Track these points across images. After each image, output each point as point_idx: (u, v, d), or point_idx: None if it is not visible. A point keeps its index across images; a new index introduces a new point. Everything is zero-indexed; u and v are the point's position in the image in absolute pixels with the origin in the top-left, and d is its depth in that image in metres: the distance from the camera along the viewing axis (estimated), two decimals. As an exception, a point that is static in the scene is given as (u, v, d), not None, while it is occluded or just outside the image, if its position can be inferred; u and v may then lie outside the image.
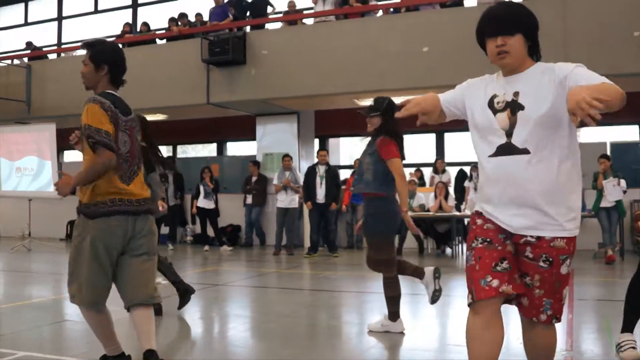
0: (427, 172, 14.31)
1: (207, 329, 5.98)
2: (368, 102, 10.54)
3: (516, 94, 2.81)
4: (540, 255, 2.82)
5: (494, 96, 2.88)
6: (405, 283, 9.28)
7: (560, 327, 5.66)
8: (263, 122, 15.43)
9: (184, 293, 6.33)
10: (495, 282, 2.75)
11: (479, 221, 2.93)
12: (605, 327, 5.63)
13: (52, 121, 15.60)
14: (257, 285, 8.74)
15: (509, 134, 2.80)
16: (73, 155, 20.59)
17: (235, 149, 17.98)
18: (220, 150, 17.85)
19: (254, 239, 14.54)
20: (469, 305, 2.82)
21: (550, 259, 2.82)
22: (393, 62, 11.92)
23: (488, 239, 2.84)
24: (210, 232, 14.44)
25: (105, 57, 3.97)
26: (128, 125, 3.91)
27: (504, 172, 2.81)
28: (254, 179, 14.30)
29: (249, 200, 14.25)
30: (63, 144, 17.09)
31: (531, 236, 2.81)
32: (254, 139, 15.75)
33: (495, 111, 2.85)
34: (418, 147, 15.06)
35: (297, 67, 12.66)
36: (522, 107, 2.78)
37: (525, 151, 2.76)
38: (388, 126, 5.27)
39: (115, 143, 3.77)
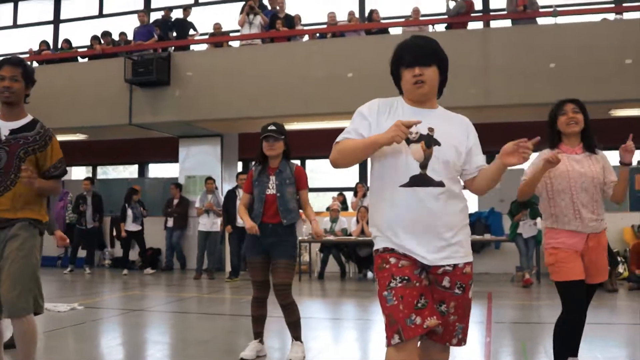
0: (349, 196, 14.41)
1: (125, 355, 5.81)
2: (292, 124, 10.51)
3: (431, 129, 2.92)
4: (456, 283, 2.93)
5: None
6: (326, 307, 9.31)
7: (478, 350, 5.77)
8: (186, 144, 15.25)
9: None
10: (418, 320, 2.80)
11: (392, 259, 2.89)
12: (522, 350, 5.76)
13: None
14: (177, 311, 8.57)
15: (423, 165, 2.88)
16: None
17: (157, 170, 17.71)
18: (142, 171, 17.54)
19: (174, 262, 14.29)
20: (394, 344, 2.80)
21: (463, 286, 2.95)
22: (318, 86, 12.02)
23: (406, 277, 2.85)
24: (132, 255, 14.12)
25: (33, 77, 4.12)
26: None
27: (419, 204, 2.85)
28: (175, 201, 14.11)
29: (170, 223, 14.04)
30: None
31: (448, 265, 2.90)
32: (176, 160, 15.54)
33: (408, 141, 2.88)
34: (339, 171, 15.16)
35: (222, 90, 12.60)
36: (438, 143, 2.91)
37: (441, 184, 2.87)
38: (288, 151, 5.41)
39: None
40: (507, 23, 12.39)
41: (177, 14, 14.89)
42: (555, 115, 4.31)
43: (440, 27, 12.79)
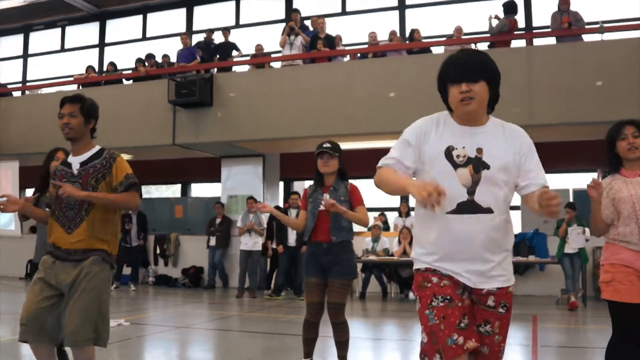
0: (391, 216, 14.36)
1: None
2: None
3: (479, 150, 2.81)
4: (500, 302, 2.87)
5: (452, 148, 2.82)
6: (367, 327, 9.26)
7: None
8: (228, 164, 15.38)
9: None
10: (461, 340, 2.75)
11: (435, 279, 2.84)
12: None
13: (15, 159, 15.39)
14: (220, 328, 8.61)
15: (470, 191, 2.78)
16: (34, 194, 20.24)
17: (200, 190, 17.87)
18: (185, 191, 17.73)
19: (216, 280, 14.37)
20: None
21: (507, 305, 2.90)
22: (359, 106, 12.03)
23: (448, 297, 2.80)
24: (175, 273, 14.26)
25: (94, 112, 4.27)
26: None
27: (466, 231, 2.77)
28: (217, 220, 14.20)
29: (213, 242, 14.13)
30: (25, 182, 16.91)
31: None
32: (218, 180, 15.68)
33: (455, 165, 2.80)
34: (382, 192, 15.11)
35: (264, 110, 12.70)
36: (487, 167, 2.79)
37: (489, 210, 2.78)
38: (344, 169, 5.40)
39: None
40: (552, 40, 12.26)
41: (219, 36, 15.09)
42: (613, 138, 4.12)
43: (483, 46, 12.72)
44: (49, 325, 3.96)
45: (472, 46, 12.67)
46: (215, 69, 14.25)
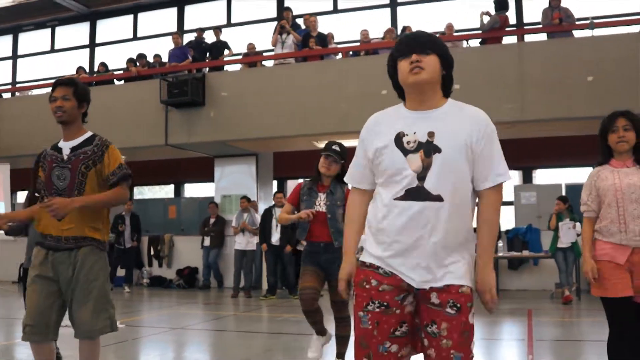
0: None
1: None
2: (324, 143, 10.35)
3: (431, 134, 2.63)
4: (448, 301, 2.58)
5: (402, 134, 2.68)
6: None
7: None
8: (221, 163, 15.36)
9: None
10: (394, 348, 2.63)
11: (374, 282, 2.65)
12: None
13: (6, 161, 15.31)
14: (215, 329, 8.60)
15: (420, 177, 2.60)
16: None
17: (193, 190, 17.85)
18: (178, 191, 17.70)
19: (211, 281, 14.35)
20: None
21: (458, 305, 2.58)
22: (352, 104, 12.03)
23: (385, 303, 2.62)
24: (169, 274, 14.23)
25: (87, 96, 4.23)
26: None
27: (412, 219, 2.59)
28: (211, 220, 14.18)
29: (207, 242, 14.11)
30: (17, 185, 16.82)
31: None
32: (212, 180, 15.65)
33: (405, 152, 2.64)
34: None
35: (257, 109, 12.68)
36: (438, 150, 2.61)
37: (438, 198, 2.58)
38: (342, 174, 4.93)
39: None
40: (543, 37, 12.31)
41: (210, 35, 15.07)
42: (606, 130, 4.17)
43: (475, 43, 12.75)
44: (52, 321, 3.99)
45: (464, 43, 12.71)
46: (207, 69, 14.22)
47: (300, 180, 5.47)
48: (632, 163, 4.10)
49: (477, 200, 2.76)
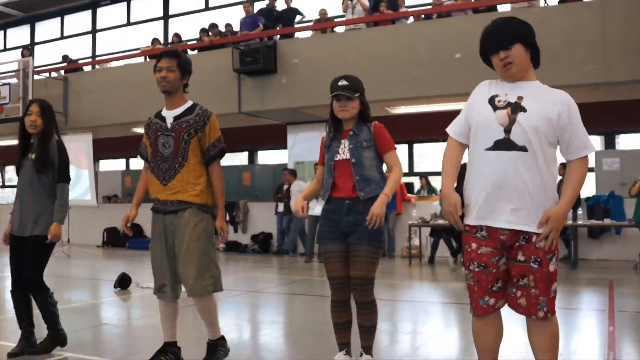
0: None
1: (242, 334, 5.98)
2: (396, 109, 9.83)
3: (520, 97, 3.09)
4: (530, 257, 3.08)
5: (495, 95, 3.16)
6: (437, 291, 9.24)
7: (601, 340, 5.55)
8: (294, 130, 15.46)
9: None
10: (492, 301, 3.19)
11: (474, 245, 3.19)
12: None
13: (89, 131, 15.83)
14: (289, 292, 8.73)
15: (507, 130, 3.05)
16: (108, 165, 20.87)
17: (267, 157, 18.04)
18: (252, 158, 17.93)
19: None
20: (478, 316, 3.26)
21: (539, 259, 3.07)
22: (425, 69, 11.87)
23: (483, 264, 3.16)
24: (244, 239, 14.51)
25: (189, 68, 4.43)
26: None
27: (501, 166, 3.04)
28: (285, 187, 14.31)
29: (281, 208, 14.26)
30: (98, 153, 17.37)
31: (522, 238, 3.08)
32: (285, 147, 15.78)
33: (495, 108, 3.11)
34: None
35: (328, 75, 12.48)
36: (523, 109, 3.06)
37: (523, 148, 3.02)
38: (367, 112, 4.31)
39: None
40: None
41: (281, 2, 15.06)
42: None
43: (553, 1, 12.30)
44: (175, 280, 4.32)
45: (541, 2, 12.28)
46: (279, 36, 14.25)
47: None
48: None
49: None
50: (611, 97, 12.07)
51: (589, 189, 12.97)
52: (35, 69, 16.29)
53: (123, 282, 8.62)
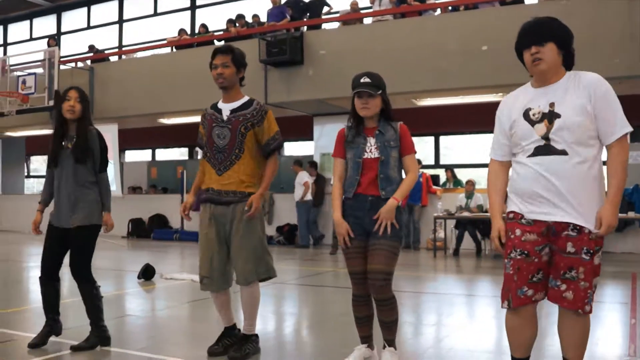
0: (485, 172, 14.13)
1: (266, 325, 6.02)
2: (423, 101, 9.73)
3: (552, 104, 3.13)
4: (582, 248, 3.06)
5: (529, 109, 3.19)
6: (461, 284, 9.22)
7: (623, 331, 5.53)
8: (320, 122, 15.47)
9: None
10: (530, 292, 3.14)
11: (518, 231, 3.18)
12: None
13: (114, 122, 15.96)
14: (313, 284, 8.77)
15: (545, 137, 3.11)
16: (133, 156, 21.04)
17: (293, 148, 18.07)
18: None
19: (310, 238, 14.58)
20: (505, 307, 3.23)
21: (591, 251, 3.07)
22: (452, 61, 11.81)
23: (525, 252, 3.13)
24: (270, 230, 14.53)
25: (244, 61, 4.54)
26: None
27: (544, 170, 3.09)
28: (312, 179, 14.32)
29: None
30: (124, 144, 17.50)
31: (572, 229, 3.07)
32: (311, 138, 15.79)
33: (532, 122, 3.16)
34: (475, 147, 14.85)
35: (355, 67, 12.46)
36: (558, 116, 3.10)
37: (563, 152, 3.07)
38: (389, 110, 4.28)
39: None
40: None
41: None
42: None
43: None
44: (224, 271, 4.46)
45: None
46: (305, 27, 14.25)
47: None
48: None
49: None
50: (637, 91, 11.91)
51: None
52: (61, 59, 16.45)
53: (147, 273, 8.66)
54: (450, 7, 13.18)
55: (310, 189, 14.06)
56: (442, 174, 14.68)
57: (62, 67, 16.19)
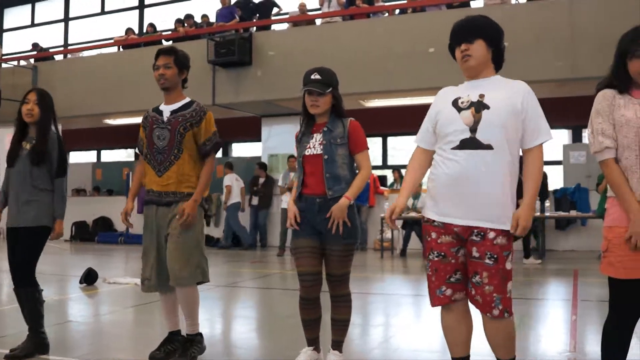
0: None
1: (214, 329, 5.98)
2: (371, 102, 9.80)
3: (481, 95, 3.14)
4: (485, 253, 3.08)
5: (458, 98, 3.21)
6: (408, 284, 9.30)
7: (563, 328, 5.67)
8: (269, 123, 15.43)
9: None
10: (449, 292, 3.20)
11: (434, 234, 3.22)
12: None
13: (58, 122, 15.60)
14: (261, 287, 8.74)
15: (472, 129, 3.09)
16: (78, 157, 20.65)
17: (240, 150, 17.99)
18: (225, 151, 17.86)
19: (257, 240, 14.54)
20: (445, 307, 3.28)
21: (495, 256, 3.08)
22: (400, 63, 11.92)
23: (442, 253, 3.19)
24: (217, 233, 14.42)
25: (187, 63, 4.56)
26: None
27: (465, 164, 3.07)
28: (261, 180, 14.28)
29: (255, 201, 14.24)
30: (69, 144, 17.11)
31: (476, 235, 3.10)
32: (259, 140, 15.74)
33: (459, 109, 3.16)
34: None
35: (304, 68, 12.33)
36: (487, 107, 3.10)
37: (489, 147, 3.06)
38: (339, 106, 4.17)
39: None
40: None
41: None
42: (625, 52, 3.11)
43: (523, -1, 12.44)
44: (167, 272, 4.33)
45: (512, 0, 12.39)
46: (254, 28, 14.20)
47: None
48: None
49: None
50: (578, 93, 12.18)
51: (556, 181, 13.16)
52: (3, 57, 16.06)
53: (89, 278, 8.45)
54: (398, 10, 13.32)
55: (231, 193, 14.00)
56: (389, 175, 14.81)
57: (4, 65, 15.81)
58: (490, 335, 3.22)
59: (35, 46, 17.90)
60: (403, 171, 14.35)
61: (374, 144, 15.71)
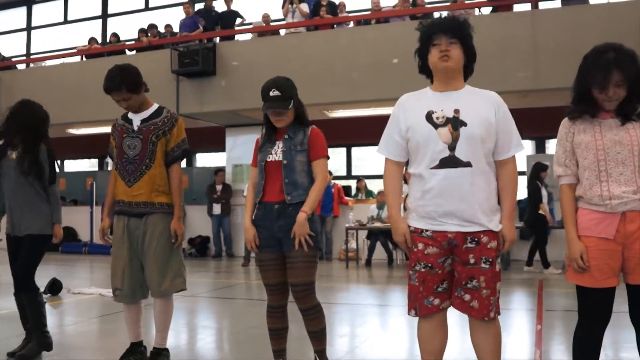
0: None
1: (177, 340, 5.91)
2: (335, 113, 9.81)
3: (457, 111, 3.10)
4: (481, 258, 3.11)
5: (431, 112, 3.14)
6: (373, 294, 9.32)
7: (528, 338, 5.71)
8: (233, 133, 15.36)
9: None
10: (437, 301, 3.20)
11: (420, 245, 3.18)
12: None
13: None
14: (225, 297, 8.68)
15: (451, 147, 3.07)
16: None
17: (205, 160, 17.89)
18: (190, 161, 17.74)
19: (223, 249, 14.44)
20: (412, 315, 3.28)
21: (490, 260, 3.12)
22: (364, 73, 11.97)
23: (429, 264, 3.16)
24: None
25: (138, 81, 4.44)
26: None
27: (449, 184, 3.07)
28: (218, 187, 14.20)
29: (217, 210, 14.16)
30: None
31: (470, 241, 3.10)
32: (223, 150, 15.67)
33: (435, 126, 3.11)
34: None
35: (268, 78, 12.54)
36: (464, 124, 3.08)
37: (468, 164, 3.07)
38: (301, 114, 4.16)
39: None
40: (557, 4, 12.13)
41: (221, 4, 14.99)
42: (589, 83, 3.18)
43: (486, 10, 12.60)
44: (138, 283, 4.38)
45: (476, 11, 12.55)
46: (218, 38, 14.17)
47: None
48: (615, 114, 3.16)
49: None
50: (541, 104, 12.38)
51: (520, 191, 13.25)
52: (-36, 66, 15.78)
53: (54, 288, 8.31)
54: (362, 21, 13.39)
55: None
56: (353, 185, 14.84)
57: (-36, 74, 15.53)
58: (480, 340, 3.22)
59: (-4, 55, 17.62)
60: (367, 181, 14.43)
61: (338, 154, 15.74)
